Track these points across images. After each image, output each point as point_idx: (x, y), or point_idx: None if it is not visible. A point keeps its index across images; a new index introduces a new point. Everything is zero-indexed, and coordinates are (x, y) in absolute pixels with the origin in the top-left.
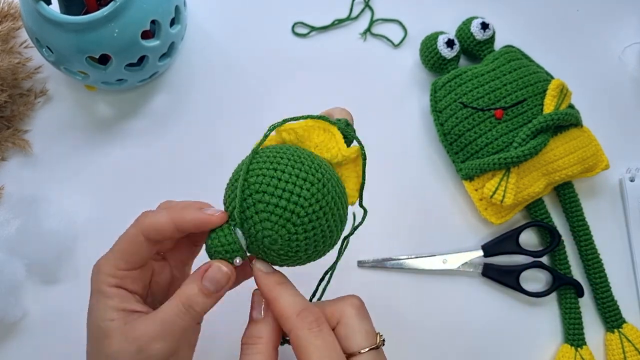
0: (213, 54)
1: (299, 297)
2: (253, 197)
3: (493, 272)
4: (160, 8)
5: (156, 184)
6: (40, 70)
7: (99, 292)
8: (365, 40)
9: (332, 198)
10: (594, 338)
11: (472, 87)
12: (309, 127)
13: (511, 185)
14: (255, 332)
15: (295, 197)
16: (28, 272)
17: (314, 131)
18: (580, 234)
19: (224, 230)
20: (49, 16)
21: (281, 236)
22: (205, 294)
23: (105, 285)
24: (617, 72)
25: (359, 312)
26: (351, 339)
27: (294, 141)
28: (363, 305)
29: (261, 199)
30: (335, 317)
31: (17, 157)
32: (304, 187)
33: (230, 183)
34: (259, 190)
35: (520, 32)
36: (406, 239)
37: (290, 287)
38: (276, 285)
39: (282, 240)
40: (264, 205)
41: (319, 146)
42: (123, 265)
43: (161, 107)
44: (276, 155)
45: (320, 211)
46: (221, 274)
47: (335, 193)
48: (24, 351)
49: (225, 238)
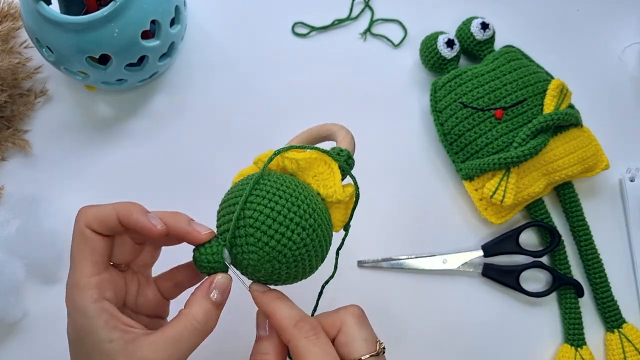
0: (213, 54)
1: (295, 310)
2: (246, 230)
3: (493, 272)
4: (160, 8)
5: (156, 184)
6: (40, 70)
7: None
8: (365, 40)
9: (319, 242)
10: (594, 338)
11: (472, 87)
12: (312, 159)
13: (511, 185)
14: (262, 348)
15: (285, 240)
16: (28, 272)
17: (314, 163)
18: (580, 234)
19: (212, 247)
20: (49, 16)
21: (264, 269)
22: (216, 306)
23: (89, 301)
24: (617, 72)
25: (359, 321)
26: (351, 346)
27: (295, 171)
28: (363, 314)
29: (253, 233)
30: (337, 325)
31: (17, 157)
32: (296, 232)
33: (227, 203)
34: (253, 225)
35: (520, 32)
36: (406, 239)
37: (286, 301)
38: (273, 301)
39: (265, 271)
40: (254, 240)
41: (317, 177)
42: (91, 270)
43: (161, 107)
44: (276, 192)
45: (306, 253)
46: (227, 283)
47: (323, 236)
48: (24, 351)
49: (212, 256)
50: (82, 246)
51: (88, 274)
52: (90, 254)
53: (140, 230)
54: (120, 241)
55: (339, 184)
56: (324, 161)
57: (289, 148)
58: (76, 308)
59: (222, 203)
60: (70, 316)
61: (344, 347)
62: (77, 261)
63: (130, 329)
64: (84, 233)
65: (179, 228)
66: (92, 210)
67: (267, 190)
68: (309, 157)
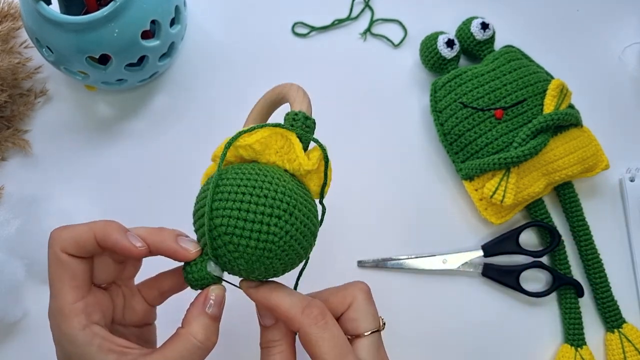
0: (213, 54)
1: (297, 296)
2: (222, 239)
3: (493, 272)
4: (160, 8)
5: (156, 184)
6: (40, 70)
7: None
8: (365, 40)
9: (301, 222)
10: (594, 338)
11: (472, 87)
12: (265, 138)
13: (511, 185)
14: (270, 336)
15: (264, 235)
16: (28, 272)
17: (271, 139)
18: (580, 234)
19: (198, 263)
20: (49, 16)
21: (257, 268)
22: (215, 320)
23: (77, 329)
24: (617, 72)
25: (368, 297)
26: (360, 321)
27: (253, 156)
28: (369, 290)
29: (230, 240)
30: (347, 301)
31: (17, 157)
32: (271, 224)
33: (198, 214)
34: (227, 232)
35: (520, 32)
36: (406, 239)
37: (284, 289)
38: (271, 294)
39: (259, 270)
40: (234, 247)
41: (279, 152)
42: (74, 295)
43: (161, 107)
44: (237, 190)
45: (292, 239)
46: (222, 295)
47: (304, 214)
48: (24, 351)
49: (201, 272)
50: (61, 272)
51: (71, 300)
52: (70, 279)
53: (119, 251)
54: (101, 261)
55: (302, 155)
56: (281, 135)
57: (237, 136)
58: (64, 336)
59: (194, 214)
60: (58, 344)
61: (351, 322)
62: (58, 288)
63: (128, 350)
64: (61, 258)
65: (166, 247)
66: (67, 233)
67: (229, 190)
68: (262, 136)
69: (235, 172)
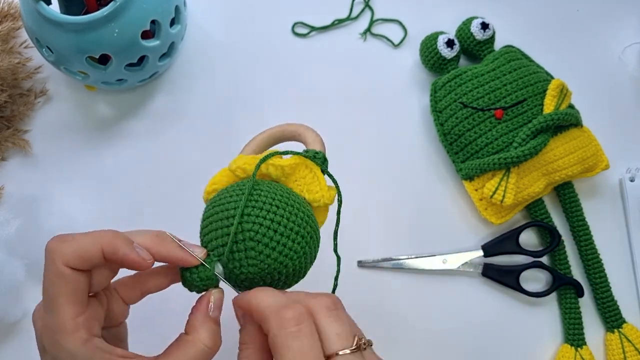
0: (213, 54)
1: (280, 297)
2: (246, 243)
3: (493, 272)
4: (160, 8)
5: (156, 184)
6: (40, 70)
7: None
8: (365, 40)
9: (314, 247)
10: (594, 338)
11: (472, 87)
12: (295, 164)
13: (511, 185)
14: (241, 339)
15: (287, 250)
16: (28, 272)
17: (297, 167)
18: (580, 234)
19: (202, 265)
20: (49, 16)
21: (262, 278)
22: (217, 323)
23: (79, 344)
24: (617, 72)
25: (329, 314)
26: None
27: (279, 177)
28: (336, 304)
29: (254, 247)
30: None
31: (17, 157)
32: (296, 241)
33: (217, 216)
34: (254, 238)
35: (520, 32)
36: (406, 239)
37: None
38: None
39: (264, 282)
40: (255, 254)
41: (299, 181)
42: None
43: (161, 107)
44: (272, 202)
45: (305, 260)
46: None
47: (316, 240)
48: (24, 351)
49: (204, 274)
50: (63, 288)
51: (73, 315)
52: (71, 294)
53: (128, 265)
54: (98, 272)
55: (326, 189)
56: (305, 165)
57: (272, 155)
58: (64, 352)
59: (209, 216)
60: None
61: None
62: (59, 304)
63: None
64: (63, 272)
65: (172, 256)
66: (71, 247)
67: (263, 200)
68: (294, 162)
69: (269, 186)
